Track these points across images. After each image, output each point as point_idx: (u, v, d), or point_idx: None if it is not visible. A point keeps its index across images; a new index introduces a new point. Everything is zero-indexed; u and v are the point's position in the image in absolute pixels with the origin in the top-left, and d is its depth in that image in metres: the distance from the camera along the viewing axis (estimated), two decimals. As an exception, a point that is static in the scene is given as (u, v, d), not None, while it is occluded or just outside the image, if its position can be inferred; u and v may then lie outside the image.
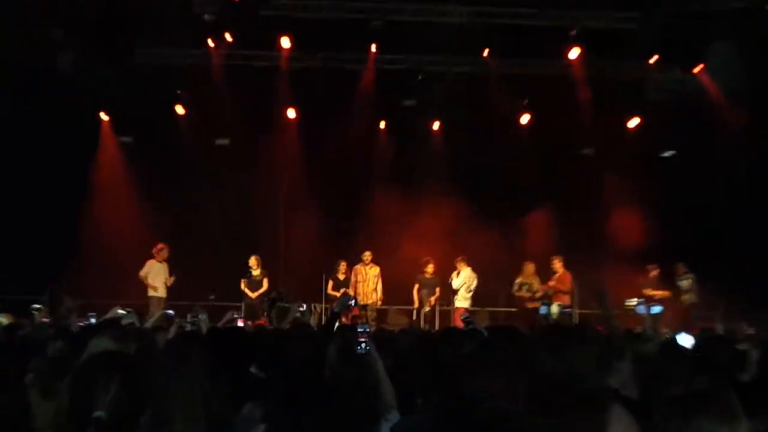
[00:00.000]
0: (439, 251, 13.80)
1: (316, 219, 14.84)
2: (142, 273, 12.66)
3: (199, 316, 6.01)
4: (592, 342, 2.91)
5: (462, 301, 13.27)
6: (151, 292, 12.63)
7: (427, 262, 13.74)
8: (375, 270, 13.66)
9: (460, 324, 12.45)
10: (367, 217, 15.04)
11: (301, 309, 7.71)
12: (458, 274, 13.38)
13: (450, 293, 13.47)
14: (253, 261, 13.29)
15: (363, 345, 3.60)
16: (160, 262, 12.76)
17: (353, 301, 6.20)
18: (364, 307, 13.22)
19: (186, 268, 13.14)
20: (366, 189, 15.32)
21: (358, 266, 13.71)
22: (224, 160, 15.03)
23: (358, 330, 3.68)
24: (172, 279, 12.77)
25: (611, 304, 4.62)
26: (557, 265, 13.26)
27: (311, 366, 3.81)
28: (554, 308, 12.18)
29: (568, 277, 13.20)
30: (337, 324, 5.21)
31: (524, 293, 13.29)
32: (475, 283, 13.28)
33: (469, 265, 13.31)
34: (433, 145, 15.65)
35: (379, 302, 13.70)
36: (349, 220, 15.22)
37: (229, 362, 3.87)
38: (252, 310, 12.75)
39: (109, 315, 6.34)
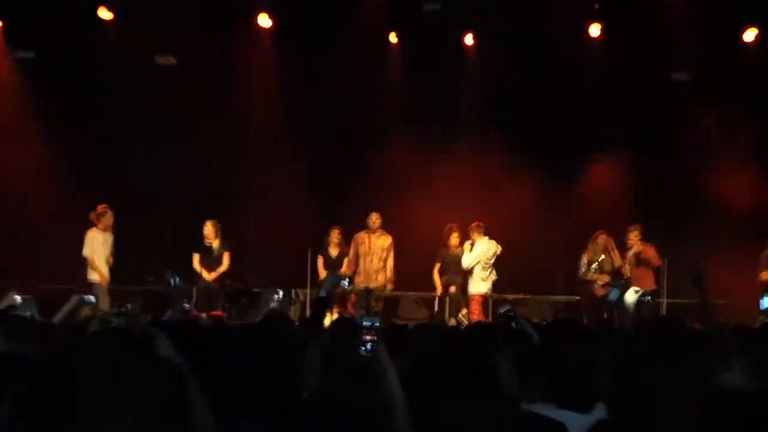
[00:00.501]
0: (470, 217, 13.80)
1: (299, 172, 14.90)
2: (87, 251, 12.52)
3: (128, 306, 5.97)
4: (694, 347, 2.85)
5: (479, 283, 13.26)
6: (93, 275, 12.60)
7: (451, 231, 13.70)
8: (385, 240, 13.60)
9: (477, 317, 12.71)
10: (371, 171, 15.13)
11: (276, 296, 7.69)
12: (472, 246, 13.33)
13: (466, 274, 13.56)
14: (208, 229, 13.23)
15: (369, 346, 3.46)
16: (103, 230, 12.74)
17: (346, 281, 6.17)
18: (368, 292, 13.16)
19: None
20: (369, 131, 15.37)
21: (360, 234, 13.68)
22: (168, 87, 14.96)
23: (364, 324, 3.54)
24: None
25: (712, 293, 4.57)
26: (634, 238, 13.27)
27: (285, 377, 3.72)
28: (630, 294, 12.10)
29: (653, 252, 13.22)
30: (328, 315, 5.13)
31: (596, 275, 13.25)
32: (494, 255, 13.25)
33: (486, 234, 13.30)
34: (463, 67, 15.60)
35: (390, 286, 13.66)
36: (346, 174, 15.33)
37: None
38: (206, 297, 12.75)
39: (2, 303, 6.33)
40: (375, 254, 13.52)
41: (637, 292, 12.15)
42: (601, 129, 15.00)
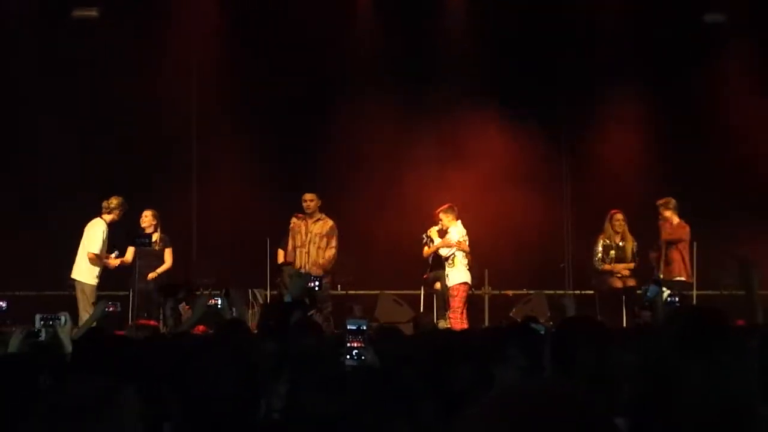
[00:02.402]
0: (460, 198, 13.85)
1: (252, 150, 14.91)
2: (96, 248, 12.67)
3: (61, 319, 5.99)
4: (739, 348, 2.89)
5: (458, 272, 13.29)
6: (88, 278, 12.73)
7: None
8: (323, 226, 13.46)
9: (460, 315, 12.79)
10: (338, 149, 15.15)
11: (215, 301, 7.72)
12: (443, 232, 13.36)
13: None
14: (146, 219, 13.21)
15: (355, 353, 3.49)
16: (109, 224, 12.92)
17: (316, 283, 6.22)
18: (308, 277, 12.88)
19: (32, 234, 13.14)
20: (337, 96, 15.39)
21: (294, 220, 13.52)
22: (90, 44, 14.90)
23: (349, 328, 3.57)
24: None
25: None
26: (667, 212, 13.30)
27: (242, 399, 3.76)
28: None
29: (686, 230, 13.28)
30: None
31: (612, 265, 13.32)
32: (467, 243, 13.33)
33: (458, 218, 13.35)
34: (449, 16, 15.65)
35: (318, 272, 13.11)
36: (309, 152, 15.32)
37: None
38: (145, 302, 12.76)
39: None
40: (312, 243, 13.41)
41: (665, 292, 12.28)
42: (617, 84, 15.17)
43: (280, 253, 13.75)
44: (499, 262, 13.85)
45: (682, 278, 13.10)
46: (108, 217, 12.91)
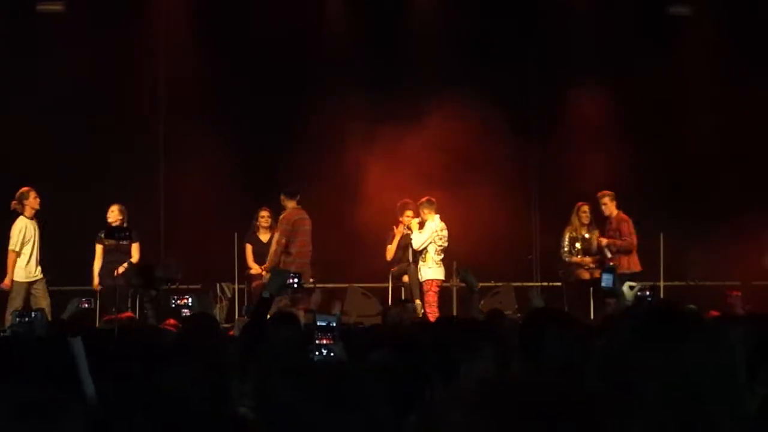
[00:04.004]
0: (432, 191, 13.91)
1: (220, 141, 14.89)
2: (14, 245, 12.47)
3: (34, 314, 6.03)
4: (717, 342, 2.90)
5: (432, 268, 13.39)
6: (16, 274, 12.55)
7: (405, 208, 13.79)
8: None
9: (433, 309, 12.83)
10: (307, 140, 15.19)
11: (185, 300, 7.77)
12: (421, 226, 13.47)
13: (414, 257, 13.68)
14: (113, 214, 13.15)
15: (324, 350, 3.52)
16: (30, 218, 12.69)
17: (295, 280, 6.24)
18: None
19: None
20: (306, 87, 15.44)
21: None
22: (57, 37, 14.92)
23: (318, 324, 3.60)
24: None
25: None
26: (611, 206, 13.46)
27: (212, 395, 3.79)
28: (626, 288, 12.28)
29: (627, 227, 13.40)
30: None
31: (579, 258, 13.40)
32: (446, 238, 13.41)
33: (437, 212, 13.45)
34: (418, 9, 15.80)
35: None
36: (277, 143, 15.35)
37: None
38: (113, 296, 12.70)
39: None
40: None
41: (632, 287, 12.30)
42: (582, 73, 15.35)
43: (248, 247, 13.78)
44: (467, 255, 13.90)
45: (634, 270, 13.18)
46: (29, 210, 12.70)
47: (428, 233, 13.35)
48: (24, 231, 12.46)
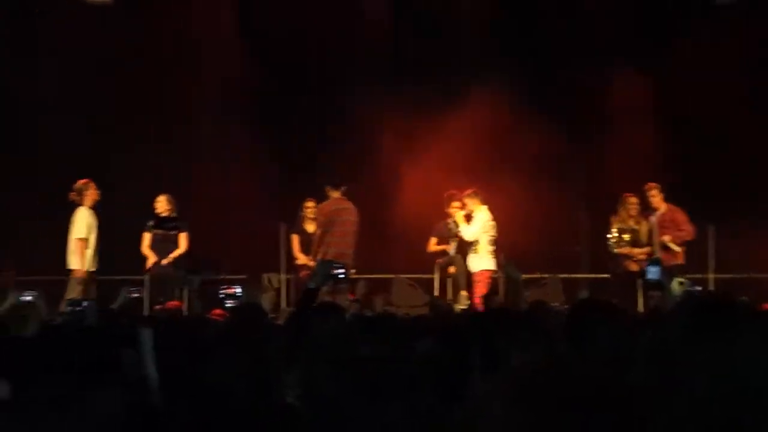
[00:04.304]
0: (474, 182, 13.88)
1: (265, 134, 15.03)
2: (81, 233, 12.50)
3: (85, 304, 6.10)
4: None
5: (483, 258, 13.37)
6: (74, 263, 12.57)
7: (452, 200, 13.78)
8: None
9: (476, 301, 12.76)
10: (351, 132, 15.23)
11: (233, 290, 7.82)
12: (469, 217, 13.43)
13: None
14: (162, 204, 13.28)
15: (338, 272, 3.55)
16: (89, 208, 12.77)
17: (340, 270, 6.24)
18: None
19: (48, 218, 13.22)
20: (351, 79, 15.46)
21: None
22: (102, 31, 14.99)
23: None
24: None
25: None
26: (658, 199, 13.36)
27: (261, 384, 3.80)
28: (676, 284, 12.23)
29: (682, 217, 13.30)
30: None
31: (627, 249, 13.32)
32: (495, 229, 13.39)
33: (485, 203, 13.41)
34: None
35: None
36: (321, 136, 15.43)
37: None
38: (161, 285, 12.87)
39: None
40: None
41: (682, 283, 12.25)
42: (628, 62, 15.19)
43: (295, 238, 13.80)
44: (513, 246, 13.85)
45: (678, 262, 13.11)
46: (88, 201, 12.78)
47: (479, 224, 13.31)
48: (87, 220, 12.58)
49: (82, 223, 12.47)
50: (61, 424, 2.71)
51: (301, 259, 13.52)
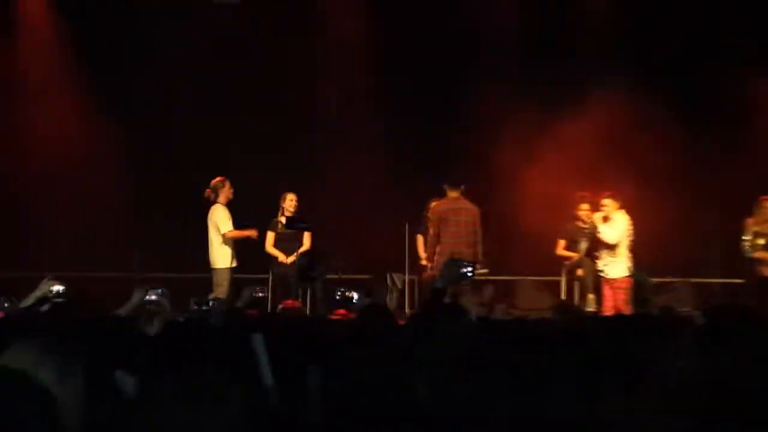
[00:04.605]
0: (599, 182, 13.71)
1: (389, 131, 15.19)
2: (228, 227, 12.66)
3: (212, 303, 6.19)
4: None
5: (622, 264, 13.12)
6: (220, 262, 12.74)
7: (582, 201, 13.60)
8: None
9: (622, 308, 12.52)
10: (474, 128, 15.20)
11: (353, 296, 7.82)
12: (606, 219, 13.19)
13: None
14: (293, 201, 13.38)
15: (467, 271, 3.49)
16: (225, 205, 13.00)
17: (468, 269, 6.12)
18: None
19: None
20: (474, 75, 15.43)
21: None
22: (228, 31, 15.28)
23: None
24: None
25: None
26: None
27: (391, 383, 3.76)
28: None
29: None
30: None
31: (762, 253, 12.97)
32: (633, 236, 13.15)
33: (622, 207, 13.18)
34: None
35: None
36: (446, 129, 15.48)
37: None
38: (284, 284, 12.93)
39: (38, 293, 6.57)
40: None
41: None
42: (760, 66, 14.82)
43: (420, 238, 13.75)
44: (643, 250, 13.59)
45: None
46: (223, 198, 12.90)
47: (622, 227, 13.07)
48: (228, 216, 12.71)
49: (226, 219, 12.63)
50: (191, 417, 2.73)
51: (426, 259, 13.45)
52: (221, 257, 12.59)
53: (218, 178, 12.78)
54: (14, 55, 15.74)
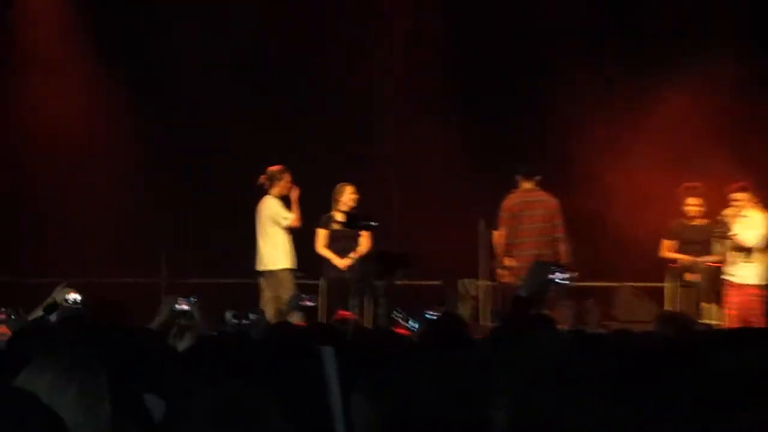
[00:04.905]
0: (702, 173, 13.75)
1: (459, 118, 15.37)
2: (296, 219, 13.01)
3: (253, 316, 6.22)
4: None
5: (756, 269, 13.05)
6: (280, 261, 13.02)
7: (689, 194, 13.53)
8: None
9: (753, 319, 12.41)
10: (556, 113, 15.29)
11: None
12: (739, 217, 13.08)
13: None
14: (347, 195, 13.38)
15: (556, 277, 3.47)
16: (277, 197, 13.23)
17: (557, 274, 6.10)
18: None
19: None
20: (554, 57, 15.60)
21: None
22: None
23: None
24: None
25: None
26: None
27: (465, 404, 3.82)
28: None
29: None
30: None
31: None
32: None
33: (758, 203, 13.07)
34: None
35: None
36: (521, 120, 15.64)
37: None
38: (340, 292, 12.97)
39: (50, 301, 6.71)
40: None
41: None
42: None
43: (496, 235, 13.72)
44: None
45: None
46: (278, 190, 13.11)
47: (758, 230, 12.94)
48: (283, 207, 12.91)
49: (284, 210, 12.85)
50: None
51: (506, 261, 13.38)
52: (282, 256, 12.82)
53: (277, 166, 12.96)
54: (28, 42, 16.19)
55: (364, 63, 15.90)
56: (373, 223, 12.28)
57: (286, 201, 12.96)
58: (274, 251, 12.76)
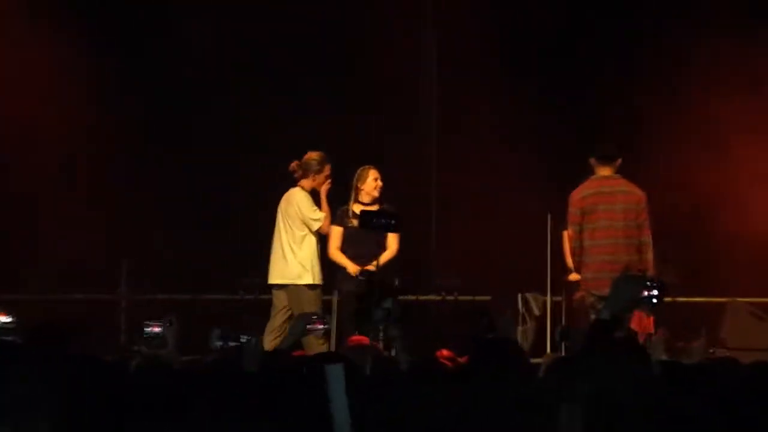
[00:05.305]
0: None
1: (516, 104, 15.65)
2: (320, 214, 13.14)
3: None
4: None
5: None
6: (306, 275, 13.11)
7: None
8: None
9: None
10: (636, 102, 15.72)
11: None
12: None
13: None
14: (377, 181, 13.43)
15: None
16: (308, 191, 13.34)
17: (652, 291, 6.07)
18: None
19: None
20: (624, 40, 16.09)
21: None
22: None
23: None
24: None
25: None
26: None
27: None
28: None
29: None
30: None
31: None
32: None
33: None
34: None
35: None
36: (599, 98, 16.05)
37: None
38: (354, 305, 12.92)
39: None
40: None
41: None
42: None
43: (567, 235, 13.73)
44: None
45: None
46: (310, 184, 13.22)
47: None
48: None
49: (314, 210, 13.02)
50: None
51: (572, 272, 13.37)
52: (310, 268, 12.92)
53: (316, 153, 13.10)
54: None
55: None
56: (388, 220, 12.16)
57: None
58: (298, 260, 12.88)
